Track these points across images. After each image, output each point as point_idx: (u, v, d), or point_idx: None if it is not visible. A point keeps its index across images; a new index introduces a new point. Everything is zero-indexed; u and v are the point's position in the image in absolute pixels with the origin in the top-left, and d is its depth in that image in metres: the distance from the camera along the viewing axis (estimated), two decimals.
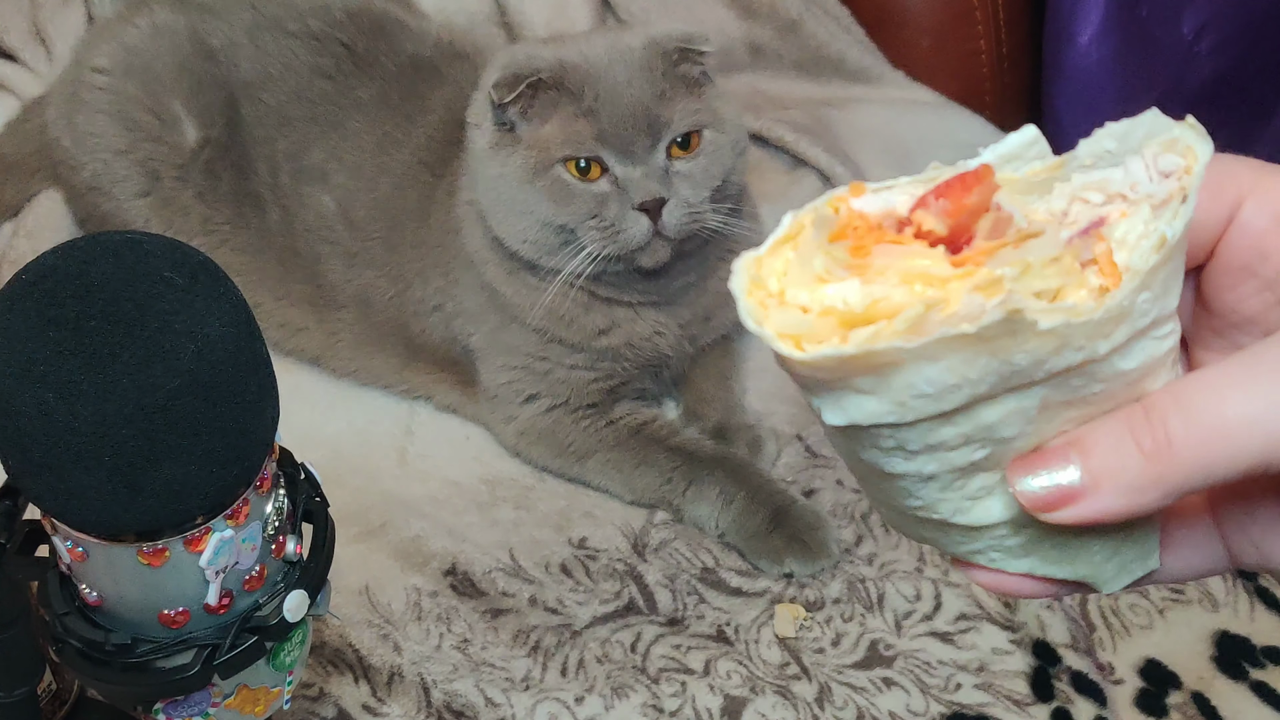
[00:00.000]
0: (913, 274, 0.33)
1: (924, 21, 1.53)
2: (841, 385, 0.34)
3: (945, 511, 0.37)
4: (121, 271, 0.57)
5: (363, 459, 1.12)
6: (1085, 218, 0.36)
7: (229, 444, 0.58)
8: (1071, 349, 0.33)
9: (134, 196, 1.19)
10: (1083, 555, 0.39)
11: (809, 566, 0.99)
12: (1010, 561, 0.39)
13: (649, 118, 0.99)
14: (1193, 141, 0.36)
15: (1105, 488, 0.35)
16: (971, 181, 0.34)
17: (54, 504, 0.57)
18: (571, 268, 1.01)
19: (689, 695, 0.91)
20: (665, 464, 1.05)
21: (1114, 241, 0.35)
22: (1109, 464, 0.35)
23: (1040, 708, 0.89)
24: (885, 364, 0.33)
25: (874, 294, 0.33)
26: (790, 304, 0.34)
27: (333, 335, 1.18)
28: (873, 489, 0.39)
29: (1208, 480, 0.34)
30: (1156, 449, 0.34)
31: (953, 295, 0.33)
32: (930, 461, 0.35)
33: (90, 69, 1.20)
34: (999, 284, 0.33)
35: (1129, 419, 0.35)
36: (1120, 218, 0.35)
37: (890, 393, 0.33)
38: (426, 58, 1.18)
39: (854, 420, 0.34)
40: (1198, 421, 0.34)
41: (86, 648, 0.61)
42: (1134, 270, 0.34)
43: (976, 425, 0.34)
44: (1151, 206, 0.35)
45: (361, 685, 0.91)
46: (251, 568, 0.62)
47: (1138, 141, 0.37)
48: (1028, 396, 0.34)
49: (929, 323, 0.32)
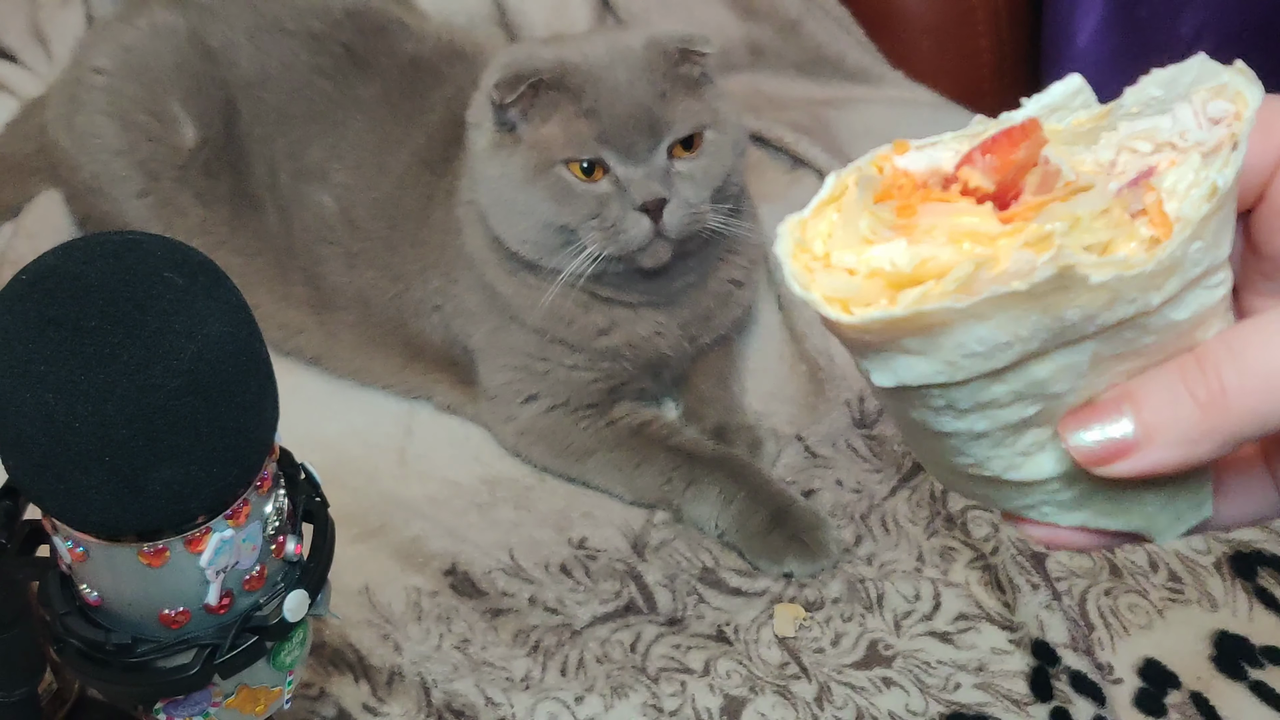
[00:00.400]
0: (960, 232, 0.33)
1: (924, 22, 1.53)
2: (890, 347, 0.33)
3: (997, 468, 0.37)
4: (121, 272, 0.57)
5: (363, 459, 1.12)
6: (1134, 168, 0.35)
7: (229, 444, 0.58)
8: (1123, 302, 0.33)
9: (133, 197, 1.20)
10: (1136, 506, 0.38)
11: (808, 566, 0.99)
12: (1064, 515, 0.38)
13: (650, 118, 0.99)
14: (1243, 87, 0.35)
15: (1159, 440, 0.34)
16: (1019, 136, 0.34)
17: (54, 504, 0.57)
18: (572, 268, 1.01)
19: (689, 695, 0.91)
20: (665, 464, 1.06)
21: (1164, 191, 0.34)
22: (1162, 416, 0.34)
23: (1039, 707, 0.89)
24: (934, 324, 0.32)
25: (921, 254, 0.33)
26: (836, 267, 0.34)
27: (332, 336, 1.18)
28: (922, 448, 0.38)
29: (1264, 429, 0.34)
30: (1211, 399, 0.34)
31: (1002, 253, 0.32)
32: (981, 419, 0.35)
33: (89, 69, 1.20)
34: (1049, 239, 0.32)
35: (1181, 369, 0.34)
36: (1169, 166, 0.35)
37: (940, 353, 0.33)
38: (426, 58, 1.19)
39: (903, 381, 0.34)
40: (1252, 370, 0.34)
41: (87, 648, 0.62)
42: (1185, 220, 0.33)
43: (1027, 382, 0.34)
44: (1201, 154, 0.35)
45: (362, 685, 0.91)
46: (252, 568, 0.62)
47: (1185, 88, 0.36)
48: (1078, 351, 0.34)
49: (979, 281, 0.32)
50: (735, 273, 1.13)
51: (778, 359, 1.21)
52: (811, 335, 1.19)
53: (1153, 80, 0.36)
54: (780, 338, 1.22)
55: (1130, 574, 0.98)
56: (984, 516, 1.01)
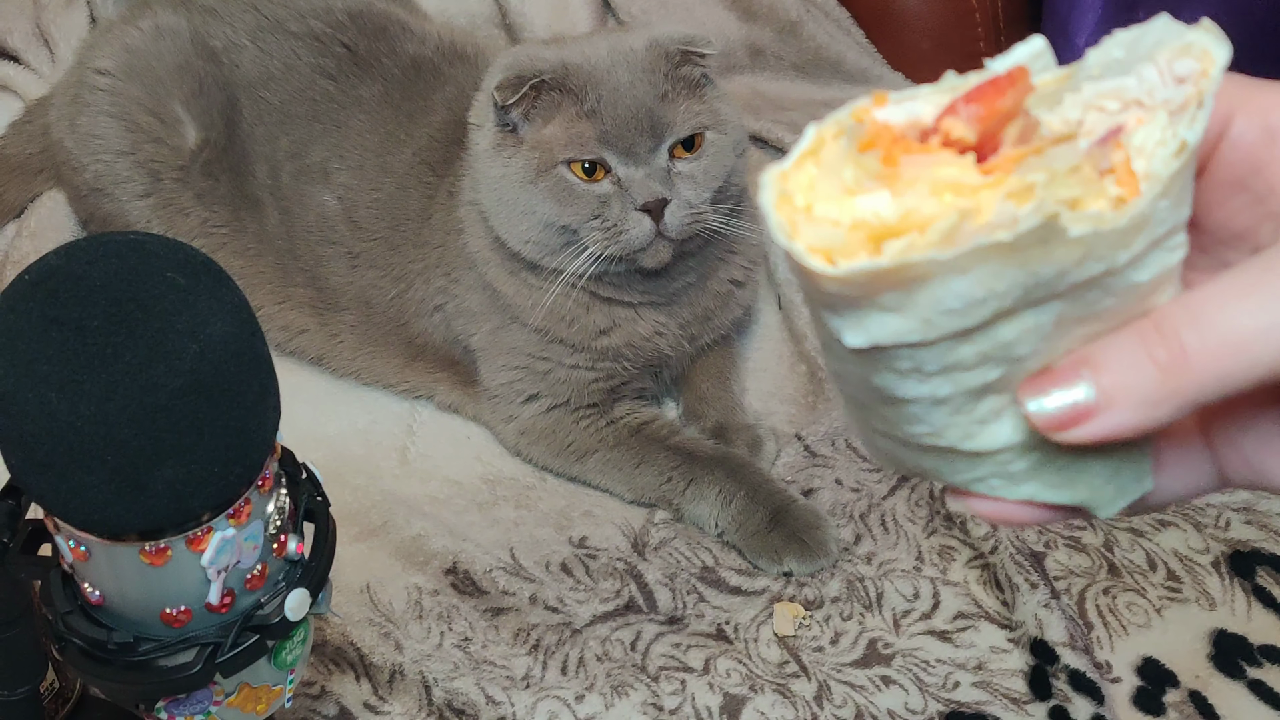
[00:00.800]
0: (942, 184, 0.33)
1: (924, 23, 1.53)
2: (867, 303, 0.33)
3: (953, 437, 0.37)
4: (124, 272, 0.57)
5: (364, 458, 1.12)
6: (1103, 126, 0.35)
7: (231, 443, 0.58)
8: (1094, 259, 0.33)
9: (136, 198, 1.20)
10: (1083, 478, 0.38)
11: (808, 565, 1.00)
12: (1011, 488, 0.38)
13: (651, 119, 1.00)
14: (1209, 45, 0.35)
15: (1119, 403, 0.35)
16: (1005, 84, 0.34)
17: (56, 503, 0.58)
18: (573, 268, 1.02)
19: (688, 693, 0.91)
20: (665, 463, 1.06)
21: (1132, 149, 0.35)
22: (1123, 379, 0.35)
23: (1038, 706, 0.89)
24: (915, 277, 0.32)
25: (906, 205, 0.33)
26: (820, 218, 0.34)
27: (334, 337, 1.18)
28: (874, 418, 0.38)
29: (1222, 391, 0.34)
30: (1171, 361, 0.34)
31: (985, 204, 0.32)
32: (945, 383, 0.35)
33: (93, 70, 1.20)
34: (1031, 190, 0.32)
35: (1140, 333, 0.35)
36: (1138, 125, 0.35)
37: (916, 309, 0.33)
38: (428, 58, 1.19)
39: (876, 340, 0.34)
40: (1212, 333, 0.34)
41: (89, 646, 0.62)
42: (1155, 177, 0.34)
43: (994, 343, 0.34)
44: (1169, 112, 0.35)
45: (363, 683, 0.91)
46: (253, 567, 0.62)
47: (1148, 49, 0.36)
48: (1044, 312, 0.34)
49: (962, 233, 0.32)
50: (735, 273, 1.13)
51: (777, 359, 1.22)
52: (811, 335, 1.19)
53: (1115, 41, 0.36)
54: (780, 337, 1.23)
55: (1129, 573, 0.98)
56: None
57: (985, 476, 0.38)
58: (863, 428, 0.40)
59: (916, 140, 0.34)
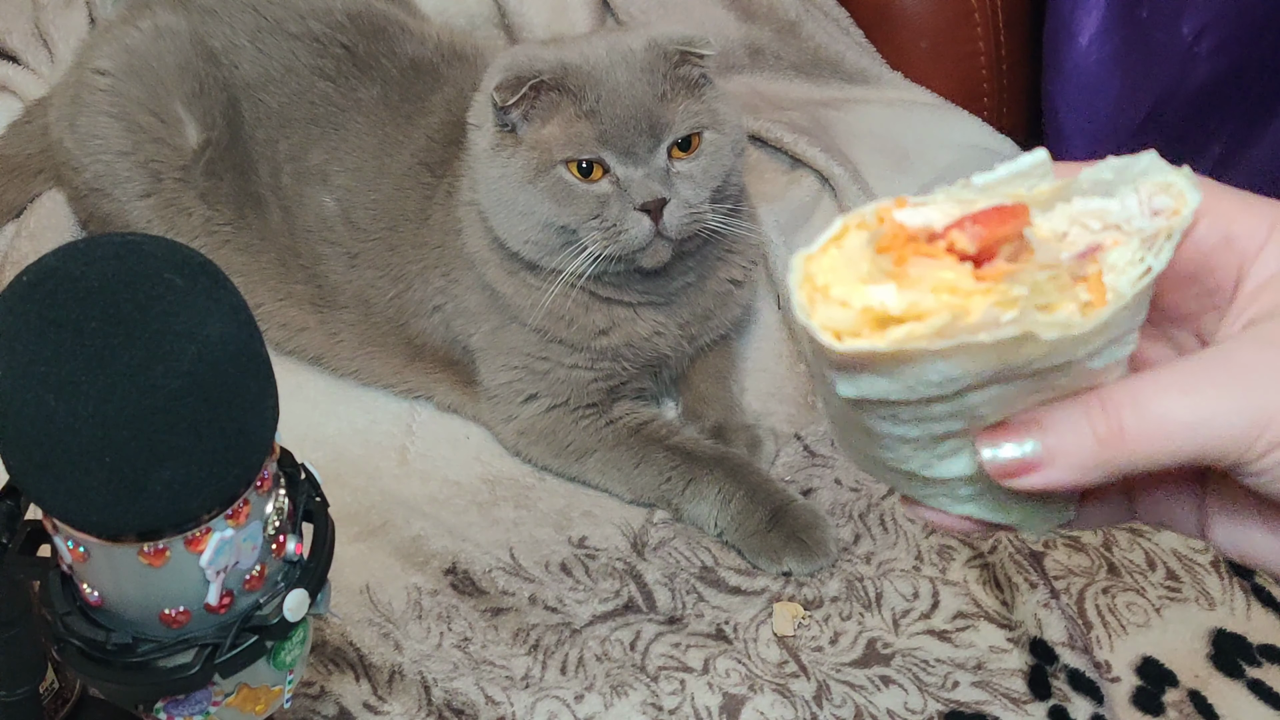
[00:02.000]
0: (942, 285, 0.39)
1: (922, 23, 1.53)
2: (862, 369, 0.40)
3: (915, 465, 0.43)
4: (122, 273, 0.57)
5: (363, 459, 1.12)
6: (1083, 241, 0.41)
7: (229, 444, 0.58)
8: (1059, 354, 0.39)
9: (136, 198, 1.20)
10: (1016, 506, 0.45)
11: (807, 565, 1.00)
12: (955, 506, 0.45)
13: (650, 119, 1.00)
14: (1185, 188, 0.42)
15: (1059, 463, 0.41)
16: (1009, 215, 0.40)
17: (55, 504, 0.58)
18: (572, 268, 1.02)
19: (688, 693, 0.91)
20: (664, 463, 1.06)
21: (1105, 265, 0.41)
22: (1066, 443, 0.41)
23: (1038, 706, 0.89)
24: (907, 359, 0.39)
25: (909, 299, 0.39)
26: (833, 299, 0.40)
27: (333, 335, 1.18)
28: (852, 437, 0.45)
29: (1148, 466, 0.41)
30: (1110, 436, 0.40)
31: (975, 307, 0.38)
32: (914, 428, 0.42)
33: (92, 71, 1.20)
34: (1015, 301, 0.38)
35: (1087, 407, 0.41)
36: (1113, 245, 0.41)
37: (903, 379, 0.39)
38: (427, 59, 1.19)
39: (864, 395, 0.40)
40: (1149, 418, 0.40)
41: (88, 647, 0.62)
42: (1119, 293, 0.40)
43: (962, 405, 0.40)
44: (1141, 239, 0.41)
45: (362, 684, 0.92)
46: (252, 567, 0.62)
47: (1134, 176, 0.42)
48: (1010, 386, 0.40)
49: (952, 329, 0.38)
50: (734, 272, 1.13)
51: (776, 358, 1.22)
52: None
53: (1107, 165, 0.42)
54: (779, 337, 1.23)
55: (1128, 572, 0.98)
56: None
57: (935, 495, 0.45)
58: (841, 440, 0.47)
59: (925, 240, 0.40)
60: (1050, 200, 0.42)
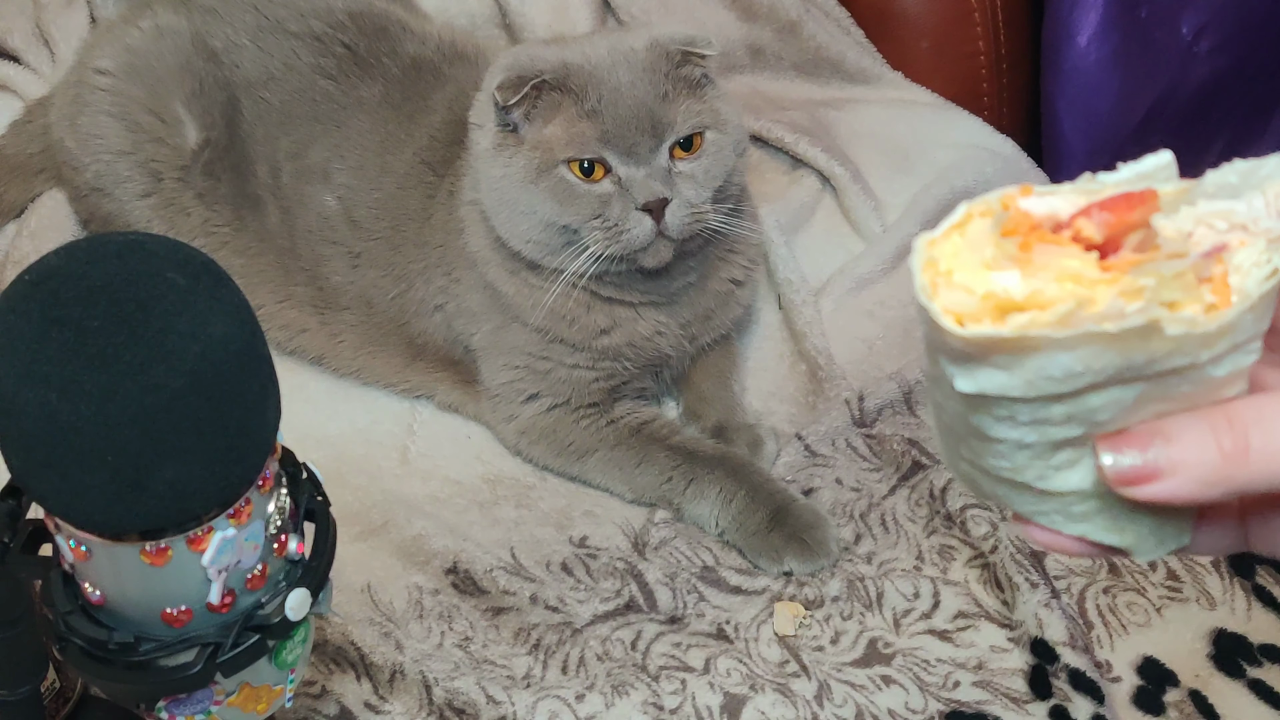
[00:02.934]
0: (1066, 273, 0.38)
1: (923, 23, 1.53)
2: (981, 360, 0.39)
3: (1029, 476, 0.42)
4: (124, 272, 0.57)
5: (364, 458, 1.12)
6: (1209, 241, 0.40)
7: (231, 444, 0.58)
8: (1181, 354, 0.38)
9: (136, 197, 1.20)
10: (1132, 527, 0.44)
11: (808, 565, 1.00)
12: (1068, 525, 0.44)
13: (652, 119, 1.00)
14: None
15: (1182, 475, 0.40)
16: (1136, 202, 0.39)
17: (57, 503, 0.58)
18: (574, 268, 1.02)
19: (689, 693, 0.91)
20: (665, 463, 1.06)
21: (1231, 265, 0.40)
22: (1189, 455, 0.40)
23: (1038, 705, 0.89)
24: (1028, 348, 0.38)
25: (1032, 286, 0.38)
26: (956, 284, 0.39)
27: (334, 336, 1.18)
28: (963, 446, 0.43)
29: (1269, 488, 0.40)
30: (1235, 453, 0.39)
31: (1100, 296, 0.38)
32: (1032, 432, 0.41)
33: (93, 70, 1.21)
34: (1141, 292, 0.38)
35: (1213, 420, 0.40)
36: (1240, 245, 0.40)
37: (1023, 371, 0.38)
38: (428, 59, 1.19)
39: (983, 389, 0.39)
40: (1275, 438, 0.39)
41: (90, 646, 0.62)
42: (1245, 293, 0.39)
43: (1082, 408, 0.40)
44: (1268, 240, 0.40)
45: (363, 683, 0.92)
46: (254, 566, 0.62)
47: (1260, 179, 0.41)
48: (1130, 389, 0.39)
49: (1076, 318, 0.37)
50: (735, 272, 1.13)
51: (777, 358, 1.22)
52: (811, 334, 1.19)
53: (1233, 168, 0.41)
54: (780, 337, 1.23)
55: (1129, 572, 0.98)
56: (983, 515, 1.01)
57: (1049, 511, 0.44)
58: (949, 452, 0.45)
59: (1050, 230, 0.40)
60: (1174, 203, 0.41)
